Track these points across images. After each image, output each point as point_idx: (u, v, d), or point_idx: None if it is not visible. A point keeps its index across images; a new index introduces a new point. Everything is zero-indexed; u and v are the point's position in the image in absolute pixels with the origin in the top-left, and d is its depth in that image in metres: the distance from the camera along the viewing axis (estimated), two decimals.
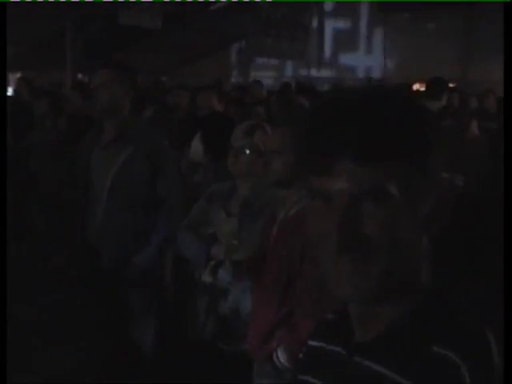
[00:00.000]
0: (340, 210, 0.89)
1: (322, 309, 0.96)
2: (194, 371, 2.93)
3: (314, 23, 18.99)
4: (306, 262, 2.35)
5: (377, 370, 0.92)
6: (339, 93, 1.01)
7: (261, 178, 2.84)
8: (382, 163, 0.88)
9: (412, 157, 0.90)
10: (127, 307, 3.54)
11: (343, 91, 1.04)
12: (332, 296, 0.92)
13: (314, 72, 18.89)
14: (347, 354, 0.96)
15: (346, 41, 19.15)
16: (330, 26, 19.00)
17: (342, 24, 19.13)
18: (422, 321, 0.93)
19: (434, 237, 0.94)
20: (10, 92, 8.10)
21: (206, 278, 2.92)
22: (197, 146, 4.22)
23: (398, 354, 0.92)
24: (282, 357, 2.40)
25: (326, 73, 18.52)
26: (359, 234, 0.88)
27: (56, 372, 3.52)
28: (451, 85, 12.14)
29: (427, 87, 6.19)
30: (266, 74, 17.64)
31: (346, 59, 19.24)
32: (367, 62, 18.60)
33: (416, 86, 11.02)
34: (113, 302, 3.54)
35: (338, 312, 0.96)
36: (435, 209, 0.93)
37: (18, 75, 10.88)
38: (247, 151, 2.92)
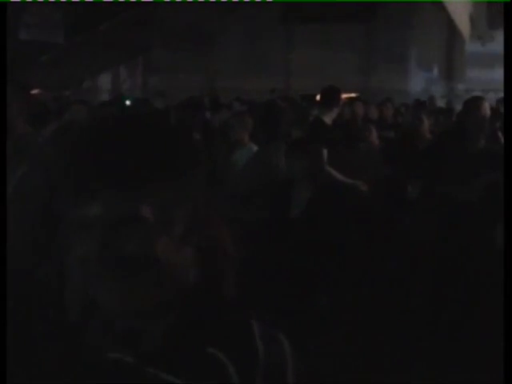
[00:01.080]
0: (98, 236, 0.91)
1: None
2: None
3: (220, 35, 18.99)
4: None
5: (163, 377, 0.97)
6: (98, 119, 1.06)
7: None
8: (136, 188, 0.91)
9: (167, 178, 0.94)
10: (29, 325, 3.47)
11: (98, 117, 1.07)
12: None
13: (226, 84, 18.82)
14: (137, 364, 0.99)
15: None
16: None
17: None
18: (196, 325, 1.00)
19: (200, 247, 0.98)
20: None
21: None
22: None
23: (179, 359, 0.98)
24: None
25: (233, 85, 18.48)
26: (119, 257, 0.91)
27: None
28: (353, 94, 12.37)
29: (321, 97, 6.20)
30: (174, 85, 17.52)
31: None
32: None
33: (318, 97, 11.17)
34: (15, 321, 3.46)
35: (125, 323, 0.99)
36: (192, 222, 0.96)
37: None
38: None
